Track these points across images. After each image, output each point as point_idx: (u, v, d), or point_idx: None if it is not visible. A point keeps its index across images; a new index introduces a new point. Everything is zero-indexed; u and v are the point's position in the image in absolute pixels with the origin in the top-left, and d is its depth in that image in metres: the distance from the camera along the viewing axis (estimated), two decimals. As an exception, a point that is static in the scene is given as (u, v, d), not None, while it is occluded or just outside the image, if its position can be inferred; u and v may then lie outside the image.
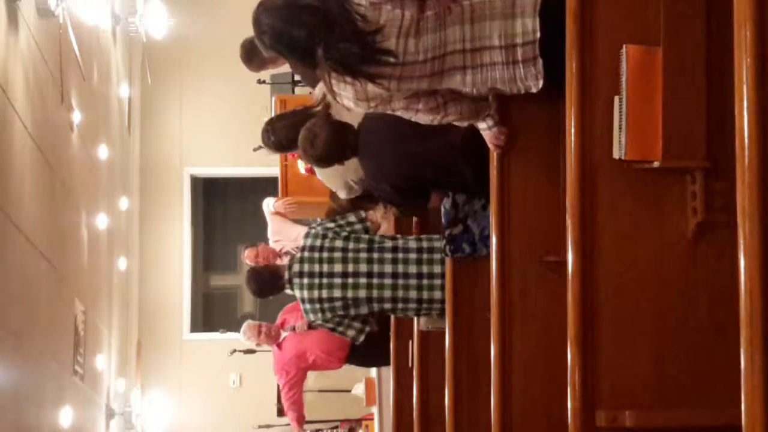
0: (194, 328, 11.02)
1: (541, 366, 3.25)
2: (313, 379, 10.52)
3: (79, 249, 7.05)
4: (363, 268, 4.36)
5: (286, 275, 4.47)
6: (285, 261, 6.90)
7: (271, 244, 7.06)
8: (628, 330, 2.64)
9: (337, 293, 4.36)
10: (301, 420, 7.27)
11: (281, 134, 4.46)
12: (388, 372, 5.49)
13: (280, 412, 10.04)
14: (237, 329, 10.30)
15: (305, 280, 4.40)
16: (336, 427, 9.84)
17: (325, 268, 4.39)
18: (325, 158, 4.09)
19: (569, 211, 2.69)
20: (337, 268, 4.38)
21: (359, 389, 8.76)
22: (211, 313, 11.68)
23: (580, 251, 2.66)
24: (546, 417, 3.17)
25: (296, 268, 4.44)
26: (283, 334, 6.91)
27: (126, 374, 9.47)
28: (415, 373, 4.71)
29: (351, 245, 4.40)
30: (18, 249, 4.97)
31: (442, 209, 4.04)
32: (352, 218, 4.55)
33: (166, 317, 10.77)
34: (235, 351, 9.84)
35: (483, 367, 3.49)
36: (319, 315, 4.42)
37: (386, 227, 5.08)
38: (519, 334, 3.29)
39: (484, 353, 3.43)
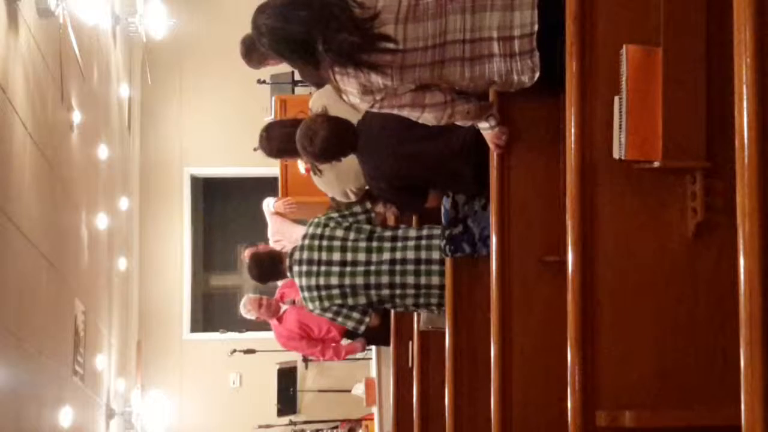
0: (194, 328, 11.03)
1: (540, 366, 3.25)
2: (313, 379, 10.53)
3: (79, 249, 7.05)
4: (361, 257, 4.35)
5: (287, 262, 4.49)
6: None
7: (272, 244, 7.05)
8: (628, 330, 2.64)
9: (334, 281, 4.36)
10: (339, 352, 7.20)
11: (274, 144, 4.49)
12: (388, 372, 5.49)
13: (280, 412, 10.07)
14: (237, 329, 10.38)
15: (304, 268, 4.41)
16: (336, 427, 9.84)
17: (324, 256, 4.39)
18: (324, 155, 4.08)
19: (569, 211, 2.69)
20: (336, 256, 4.38)
21: (359, 389, 8.76)
22: (211, 313, 11.68)
23: (580, 251, 2.66)
24: (546, 417, 3.17)
25: (296, 255, 4.45)
26: (283, 307, 6.90)
27: (126, 374, 9.47)
28: (415, 373, 4.71)
29: (351, 235, 4.40)
30: (18, 249, 4.97)
31: (442, 209, 4.04)
32: (357, 209, 4.54)
33: (166, 317, 10.78)
34: (235, 351, 9.86)
35: (483, 367, 3.49)
36: (317, 303, 4.41)
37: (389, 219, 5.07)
38: (519, 335, 3.29)
39: (484, 353, 3.43)
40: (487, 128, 3.29)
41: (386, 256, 4.33)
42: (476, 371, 3.82)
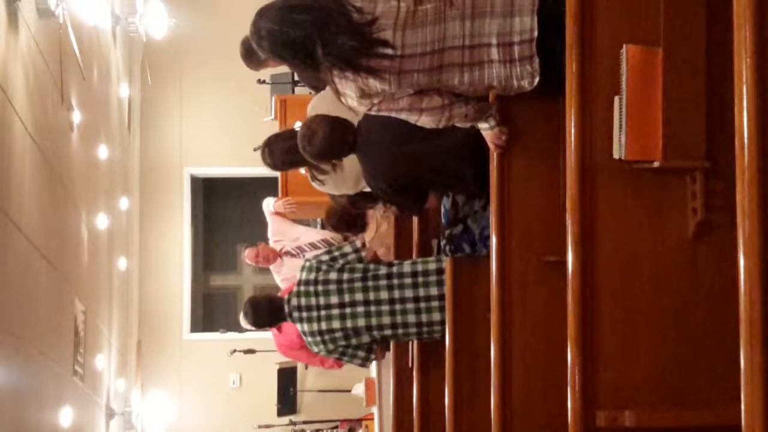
0: (194, 328, 11.03)
1: (541, 366, 3.25)
2: (313, 379, 10.53)
3: (79, 249, 7.05)
4: (359, 296, 4.39)
5: (286, 309, 4.51)
6: (285, 261, 6.92)
7: (272, 244, 7.06)
8: (628, 330, 2.64)
9: (336, 324, 4.40)
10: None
11: (277, 158, 4.52)
12: (388, 372, 5.49)
13: (280, 412, 10.07)
14: (237, 329, 10.37)
15: (304, 314, 4.45)
16: (336, 427, 9.84)
17: (322, 300, 4.43)
18: (324, 154, 4.09)
19: (569, 211, 2.69)
20: (333, 299, 4.41)
21: (359, 389, 8.76)
22: (211, 313, 11.69)
23: (580, 251, 2.66)
24: (546, 417, 3.17)
25: (294, 302, 4.48)
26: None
27: (126, 374, 9.47)
28: (415, 373, 4.71)
29: (345, 276, 4.44)
30: (18, 249, 4.97)
31: (442, 209, 4.04)
32: (347, 249, 4.59)
33: (166, 317, 10.78)
34: (235, 351, 9.85)
35: (483, 367, 3.49)
36: (322, 347, 4.47)
37: (386, 227, 5.08)
38: (519, 334, 3.29)
39: (484, 353, 3.43)
40: (487, 128, 3.29)
41: (384, 295, 4.37)
42: (476, 371, 3.82)
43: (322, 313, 4.42)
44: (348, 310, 4.38)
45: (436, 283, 4.30)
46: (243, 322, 6.86)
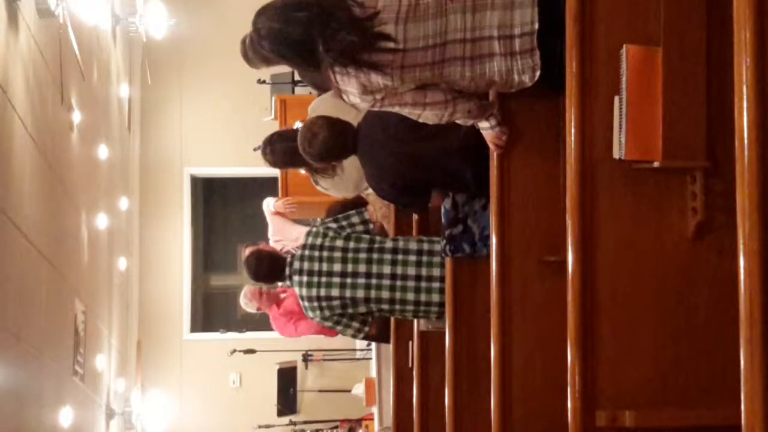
0: (194, 328, 11.03)
1: (541, 366, 3.25)
2: (313, 379, 10.53)
3: (79, 249, 7.05)
4: (362, 268, 4.38)
5: (287, 271, 4.51)
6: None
7: (272, 243, 7.06)
8: (628, 330, 2.64)
9: (335, 292, 4.39)
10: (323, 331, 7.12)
11: (278, 157, 4.54)
12: (388, 372, 5.49)
13: (280, 412, 10.07)
14: (237, 329, 10.38)
15: (304, 278, 4.43)
16: (336, 427, 9.85)
17: (325, 267, 4.42)
18: (324, 156, 4.11)
19: (569, 211, 2.69)
20: (337, 267, 4.41)
21: (359, 389, 8.76)
22: (211, 313, 11.68)
23: (580, 251, 2.66)
24: (546, 417, 3.17)
25: (296, 265, 4.47)
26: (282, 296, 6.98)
27: (126, 374, 9.47)
28: (415, 373, 4.71)
29: (351, 245, 4.44)
30: (18, 249, 4.97)
31: (442, 209, 4.04)
32: (354, 218, 4.58)
33: (166, 317, 10.78)
34: (235, 351, 9.86)
35: (483, 367, 3.49)
36: (318, 313, 4.45)
37: (387, 227, 5.08)
38: (519, 335, 3.29)
39: (484, 353, 3.43)
40: (487, 128, 3.29)
41: (387, 269, 4.36)
42: (476, 371, 3.82)
43: (323, 279, 4.41)
44: (349, 280, 4.38)
45: (440, 264, 4.30)
46: (243, 301, 6.91)
